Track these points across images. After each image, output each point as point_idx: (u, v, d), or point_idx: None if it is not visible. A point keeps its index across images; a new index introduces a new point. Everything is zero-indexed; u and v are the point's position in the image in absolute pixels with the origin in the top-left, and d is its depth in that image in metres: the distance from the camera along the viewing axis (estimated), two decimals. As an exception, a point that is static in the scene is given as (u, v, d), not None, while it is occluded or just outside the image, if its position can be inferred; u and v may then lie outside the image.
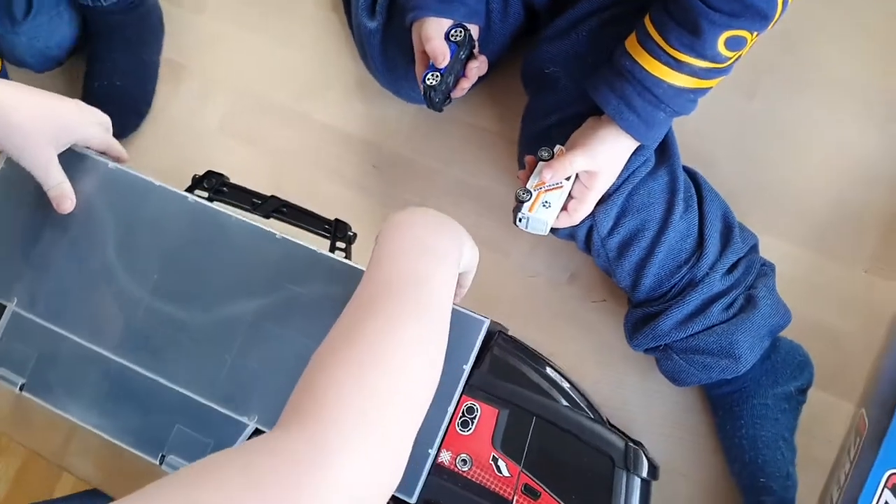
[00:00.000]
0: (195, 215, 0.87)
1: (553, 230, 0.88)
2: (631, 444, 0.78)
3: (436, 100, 0.90)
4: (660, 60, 0.79)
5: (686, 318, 0.84)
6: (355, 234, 0.90)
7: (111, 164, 0.89)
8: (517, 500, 0.77)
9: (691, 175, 0.90)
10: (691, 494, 0.89)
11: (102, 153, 0.91)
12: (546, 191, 0.85)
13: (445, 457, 0.79)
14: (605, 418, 0.82)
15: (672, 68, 0.79)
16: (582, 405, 0.81)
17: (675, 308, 0.84)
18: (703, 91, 0.82)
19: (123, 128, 1.14)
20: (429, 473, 0.78)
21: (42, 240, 0.90)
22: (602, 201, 0.86)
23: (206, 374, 0.84)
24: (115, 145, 0.91)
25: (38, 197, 0.88)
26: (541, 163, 0.86)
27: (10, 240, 0.91)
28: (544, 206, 0.85)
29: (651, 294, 0.86)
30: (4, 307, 0.88)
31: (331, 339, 0.61)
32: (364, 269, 0.83)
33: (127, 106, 1.16)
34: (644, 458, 0.78)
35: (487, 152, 1.02)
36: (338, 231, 0.89)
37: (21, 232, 0.91)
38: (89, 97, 1.15)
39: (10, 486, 1.15)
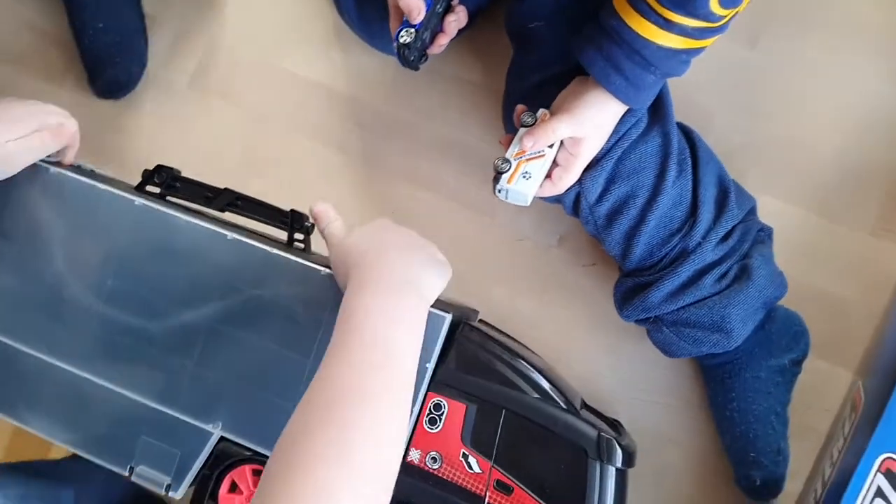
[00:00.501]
0: (144, 219, 0.84)
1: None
2: (604, 434, 0.75)
3: (410, 58, 0.84)
4: (649, 20, 0.72)
5: (677, 289, 0.80)
6: (312, 225, 0.86)
7: (52, 170, 0.86)
8: (490, 497, 0.75)
9: (686, 133, 0.84)
10: (682, 463, 0.87)
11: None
12: (527, 160, 0.80)
13: (415, 455, 0.77)
14: (579, 405, 0.80)
15: (662, 28, 0.72)
16: (553, 395, 0.78)
17: (666, 279, 0.80)
18: (695, 51, 0.75)
19: (127, 83, 1.08)
20: (399, 474, 0.76)
21: (-11, 254, 0.87)
22: (590, 167, 0.81)
23: (166, 383, 0.82)
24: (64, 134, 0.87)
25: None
26: (522, 129, 0.80)
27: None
28: (524, 177, 0.80)
29: (642, 263, 0.82)
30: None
31: (298, 418, 0.62)
32: (322, 258, 0.81)
33: (126, 61, 1.08)
34: (617, 448, 0.75)
35: (473, 107, 0.97)
36: (294, 222, 0.85)
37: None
38: (88, 58, 1.09)
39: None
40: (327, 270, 0.78)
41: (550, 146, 0.79)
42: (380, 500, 0.60)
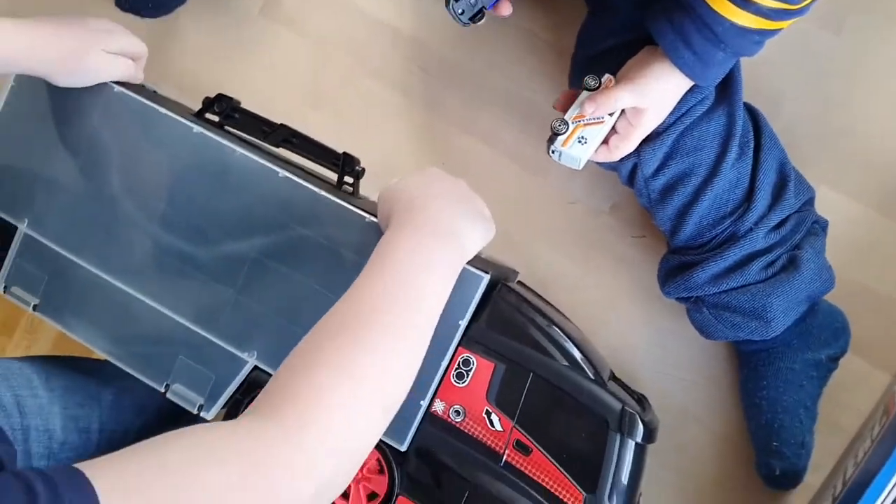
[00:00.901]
0: (201, 146, 0.85)
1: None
2: (627, 408, 0.76)
3: (458, 11, 0.83)
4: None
5: (722, 272, 0.79)
6: (363, 170, 0.87)
7: (116, 88, 0.87)
8: (508, 455, 0.77)
9: (752, 115, 0.82)
10: (705, 442, 0.87)
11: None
12: (585, 125, 0.79)
13: (439, 407, 0.78)
14: (607, 376, 0.80)
15: (737, 5, 0.70)
16: (582, 365, 0.78)
17: (712, 261, 0.79)
18: (770, 33, 0.72)
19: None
20: (422, 422, 0.78)
21: (52, 164, 0.90)
22: (650, 139, 0.79)
23: (208, 308, 0.84)
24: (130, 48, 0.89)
25: (48, 120, 0.88)
26: (585, 93, 0.79)
27: (22, 162, 0.91)
28: (580, 141, 0.79)
29: (690, 242, 0.81)
30: (16, 228, 0.89)
31: (319, 338, 0.64)
32: (369, 203, 0.82)
33: None
34: (639, 423, 0.76)
35: (542, 65, 0.95)
36: (346, 165, 0.86)
37: (32, 155, 0.91)
38: None
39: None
40: (372, 218, 0.79)
41: (611, 114, 0.78)
42: (374, 417, 0.61)
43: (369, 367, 0.61)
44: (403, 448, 0.78)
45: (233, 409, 0.84)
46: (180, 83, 0.97)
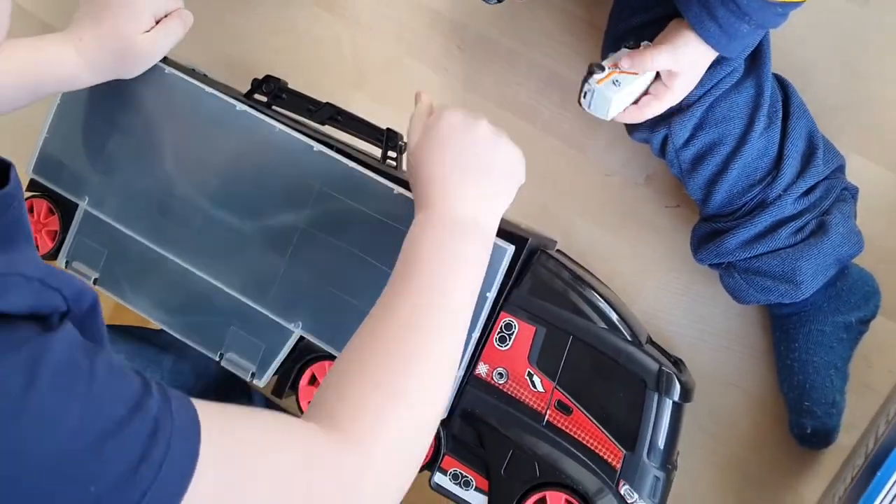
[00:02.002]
0: (249, 126, 0.89)
1: (629, 130, 0.86)
2: (664, 368, 0.79)
3: None
4: None
5: (752, 238, 0.82)
6: (405, 144, 0.90)
7: (167, 70, 0.91)
8: (550, 415, 0.80)
9: (782, 85, 0.84)
10: (740, 406, 0.90)
11: None
12: (620, 72, 0.80)
13: (483, 370, 0.82)
14: (644, 340, 0.83)
15: None
16: (620, 327, 0.81)
17: (742, 227, 0.81)
18: (793, 5, 0.74)
19: None
20: (465, 385, 0.81)
21: (109, 145, 0.94)
22: (680, 110, 0.82)
23: (257, 280, 0.88)
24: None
25: (105, 104, 0.92)
26: (623, 50, 0.81)
27: (82, 144, 0.95)
28: (614, 83, 0.80)
29: (721, 210, 0.84)
30: (77, 206, 0.93)
31: (362, 343, 0.69)
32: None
33: None
34: (676, 382, 0.79)
35: (577, 41, 0.97)
36: (389, 140, 0.90)
37: (91, 137, 0.95)
38: None
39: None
40: (410, 195, 0.81)
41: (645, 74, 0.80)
42: (426, 421, 0.67)
43: (415, 385, 0.66)
44: (444, 415, 0.82)
45: (283, 377, 0.87)
46: (227, 67, 1.00)
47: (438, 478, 0.82)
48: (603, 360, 0.79)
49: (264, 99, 0.93)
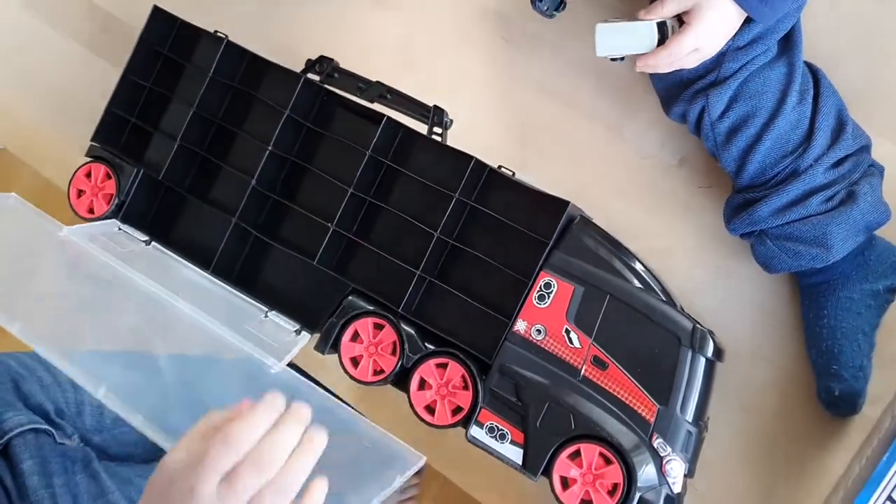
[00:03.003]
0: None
1: (665, 108, 0.91)
2: (699, 325, 0.82)
3: (544, 8, 0.90)
4: None
5: (784, 206, 0.85)
6: (451, 121, 0.95)
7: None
8: (586, 370, 0.82)
9: (811, 69, 0.89)
10: (768, 378, 0.92)
11: None
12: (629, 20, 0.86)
13: (521, 326, 0.85)
14: (678, 305, 0.86)
15: None
16: (654, 288, 0.85)
17: (774, 195, 0.85)
18: None
19: None
20: (501, 342, 0.84)
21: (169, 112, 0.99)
22: (717, 84, 0.86)
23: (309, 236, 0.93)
24: None
25: (167, 74, 0.99)
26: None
27: (143, 111, 1.04)
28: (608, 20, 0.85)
29: (754, 181, 0.87)
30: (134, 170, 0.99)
31: None
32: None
33: None
34: (710, 339, 0.81)
35: None
36: (435, 117, 0.94)
37: (151, 105, 1.04)
38: None
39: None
40: None
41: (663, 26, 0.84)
42: None
43: None
44: (490, 361, 0.84)
45: (327, 334, 0.90)
46: (280, 54, 1.05)
47: (475, 431, 0.85)
48: (638, 318, 0.82)
49: (317, 78, 0.99)
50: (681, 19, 0.85)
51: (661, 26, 0.85)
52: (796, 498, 0.89)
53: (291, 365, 0.88)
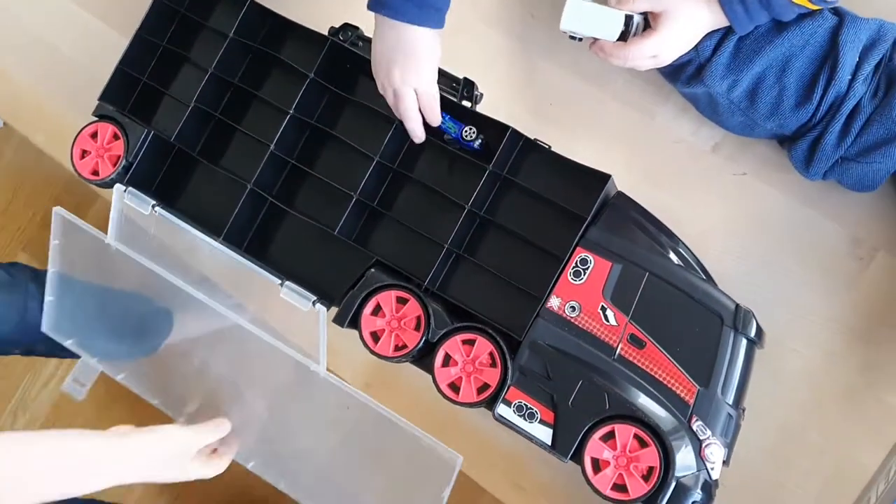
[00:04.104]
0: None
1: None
2: (742, 305, 0.79)
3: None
4: None
5: (844, 125, 0.83)
6: (481, 94, 0.92)
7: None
8: (622, 348, 0.79)
9: (837, 12, 0.86)
10: (802, 372, 0.89)
11: None
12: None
13: (555, 303, 0.81)
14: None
15: None
16: (695, 266, 0.82)
17: (830, 124, 0.83)
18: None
19: None
20: (533, 318, 0.80)
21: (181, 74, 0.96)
22: (704, 66, 0.85)
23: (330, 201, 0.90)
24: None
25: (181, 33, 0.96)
26: None
27: (154, 71, 1.02)
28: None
29: (802, 123, 0.85)
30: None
31: None
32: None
33: None
34: (753, 320, 0.79)
35: None
36: (465, 90, 0.91)
37: (162, 64, 0.98)
38: None
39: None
40: None
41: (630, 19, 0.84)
42: None
43: None
44: (521, 339, 0.81)
45: (347, 306, 0.86)
46: (307, 16, 1.01)
47: (502, 409, 0.80)
48: (678, 296, 0.79)
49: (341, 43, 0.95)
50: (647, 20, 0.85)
51: (629, 20, 0.84)
52: (828, 493, 0.86)
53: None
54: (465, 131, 0.87)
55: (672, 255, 0.81)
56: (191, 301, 0.91)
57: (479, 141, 0.87)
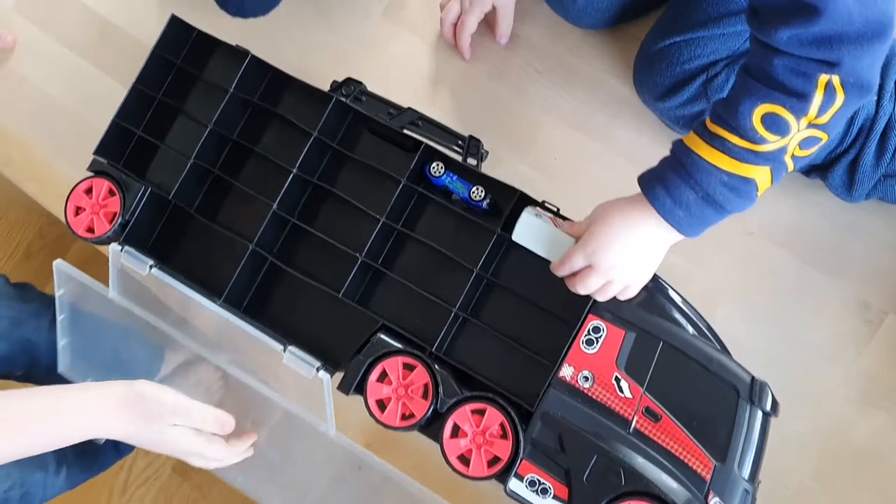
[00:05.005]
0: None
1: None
2: (757, 378, 0.78)
3: None
4: (695, 131, 0.72)
5: (879, 143, 0.83)
6: (487, 152, 0.90)
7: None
8: (637, 421, 0.78)
9: None
10: (811, 435, 0.89)
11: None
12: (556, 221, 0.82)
13: (567, 372, 0.79)
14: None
15: (703, 139, 0.71)
16: (709, 335, 0.81)
17: (867, 143, 0.83)
18: (743, 179, 0.71)
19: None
20: (549, 387, 0.79)
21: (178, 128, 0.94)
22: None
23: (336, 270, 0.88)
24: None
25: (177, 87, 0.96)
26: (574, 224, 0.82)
27: (151, 125, 0.99)
28: (537, 215, 0.82)
29: (837, 145, 0.84)
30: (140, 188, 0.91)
31: None
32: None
33: None
34: (769, 392, 0.77)
35: None
36: (470, 148, 0.90)
37: (159, 119, 0.96)
38: None
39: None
40: None
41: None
42: None
43: None
44: (532, 410, 0.79)
45: (352, 373, 0.84)
46: (312, 73, 0.99)
47: (514, 484, 0.79)
48: (694, 367, 0.78)
49: (343, 99, 0.93)
50: None
51: None
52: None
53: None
54: (473, 191, 0.85)
55: (685, 324, 0.80)
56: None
57: (488, 201, 0.85)
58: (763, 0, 0.66)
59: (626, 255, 0.77)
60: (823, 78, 0.65)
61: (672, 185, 0.73)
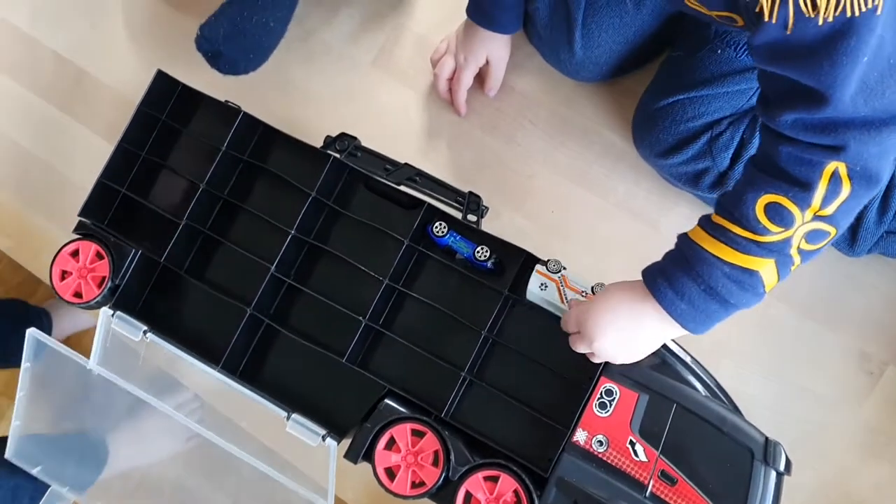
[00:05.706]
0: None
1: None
2: (770, 438, 0.78)
3: None
4: (699, 225, 0.72)
5: (882, 201, 0.84)
6: (487, 208, 0.89)
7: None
8: (653, 485, 0.77)
9: None
10: (817, 489, 0.90)
11: None
12: (566, 287, 0.81)
13: (581, 436, 0.79)
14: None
15: (706, 231, 0.70)
16: (721, 396, 0.81)
17: (870, 202, 0.84)
18: (746, 272, 0.69)
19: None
20: (562, 452, 0.78)
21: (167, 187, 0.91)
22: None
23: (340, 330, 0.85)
24: None
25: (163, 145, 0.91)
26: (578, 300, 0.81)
27: (139, 186, 0.95)
28: (542, 286, 0.81)
29: None
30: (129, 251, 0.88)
31: None
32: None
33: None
34: (783, 453, 0.78)
35: None
36: (470, 204, 0.88)
37: (147, 179, 0.95)
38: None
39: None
40: None
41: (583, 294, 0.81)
42: None
43: None
44: (546, 475, 0.78)
45: (359, 441, 0.82)
46: (303, 128, 0.98)
47: (530, 552, 0.77)
48: (708, 429, 0.78)
49: (338, 155, 0.91)
50: None
51: None
52: None
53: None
54: (478, 251, 0.84)
55: (698, 385, 0.80)
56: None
57: (493, 260, 0.84)
58: (772, 86, 0.66)
59: (614, 338, 0.76)
60: (829, 167, 0.64)
61: (674, 277, 0.71)
